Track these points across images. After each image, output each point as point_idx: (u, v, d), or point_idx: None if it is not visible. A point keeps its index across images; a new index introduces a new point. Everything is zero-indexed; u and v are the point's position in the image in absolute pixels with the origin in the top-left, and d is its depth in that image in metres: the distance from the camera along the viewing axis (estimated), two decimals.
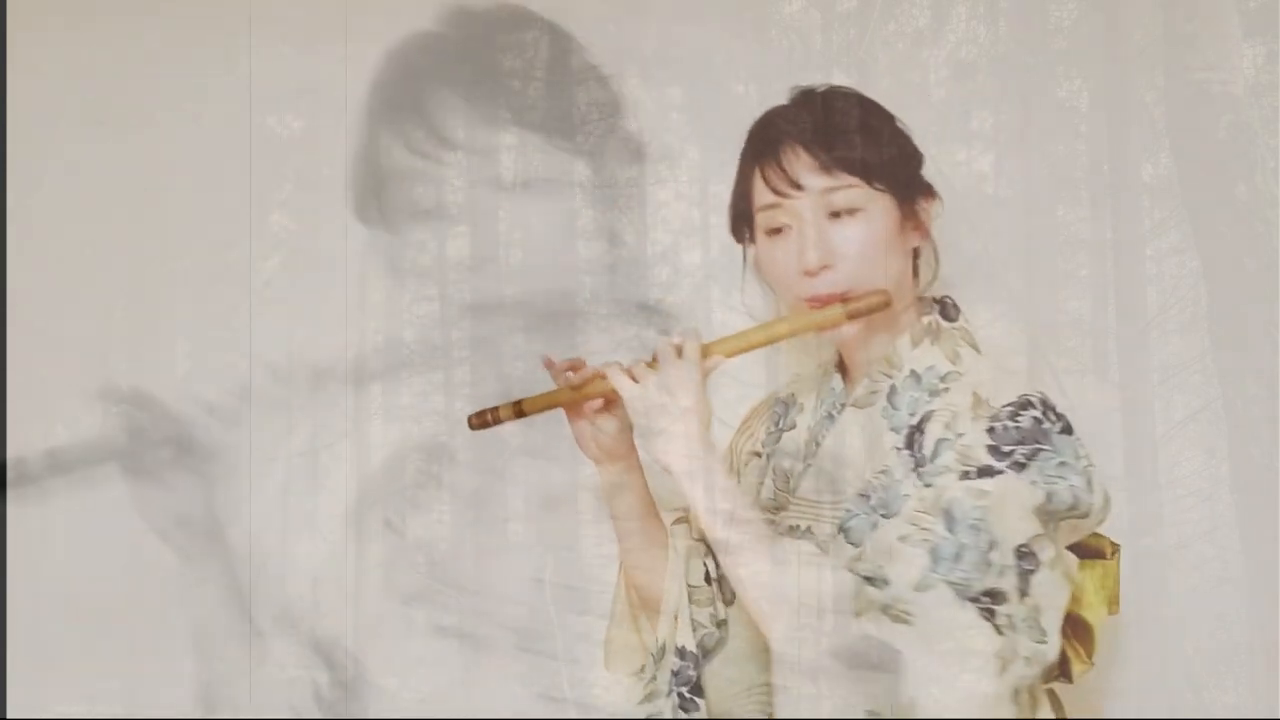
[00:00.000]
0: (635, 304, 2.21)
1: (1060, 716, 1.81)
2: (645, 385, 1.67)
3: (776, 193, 1.71)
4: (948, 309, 1.79)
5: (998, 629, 1.56)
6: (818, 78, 1.85)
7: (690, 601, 1.76)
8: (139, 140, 2.30)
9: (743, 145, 1.79)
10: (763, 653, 1.74)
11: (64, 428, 2.29)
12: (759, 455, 1.90)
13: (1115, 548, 1.87)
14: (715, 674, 1.77)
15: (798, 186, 1.70)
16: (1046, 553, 1.60)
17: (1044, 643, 1.59)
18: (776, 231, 1.73)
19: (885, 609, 1.57)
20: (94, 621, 2.26)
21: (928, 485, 1.61)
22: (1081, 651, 1.82)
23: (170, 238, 2.30)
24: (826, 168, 1.70)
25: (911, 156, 1.78)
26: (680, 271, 2.22)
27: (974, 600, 1.56)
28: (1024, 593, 1.58)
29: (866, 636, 1.55)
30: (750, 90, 2.18)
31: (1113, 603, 1.86)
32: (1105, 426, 2.12)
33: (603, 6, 2.23)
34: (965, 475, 1.60)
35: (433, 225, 2.25)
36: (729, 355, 1.72)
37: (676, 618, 1.76)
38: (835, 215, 1.71)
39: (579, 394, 1.77)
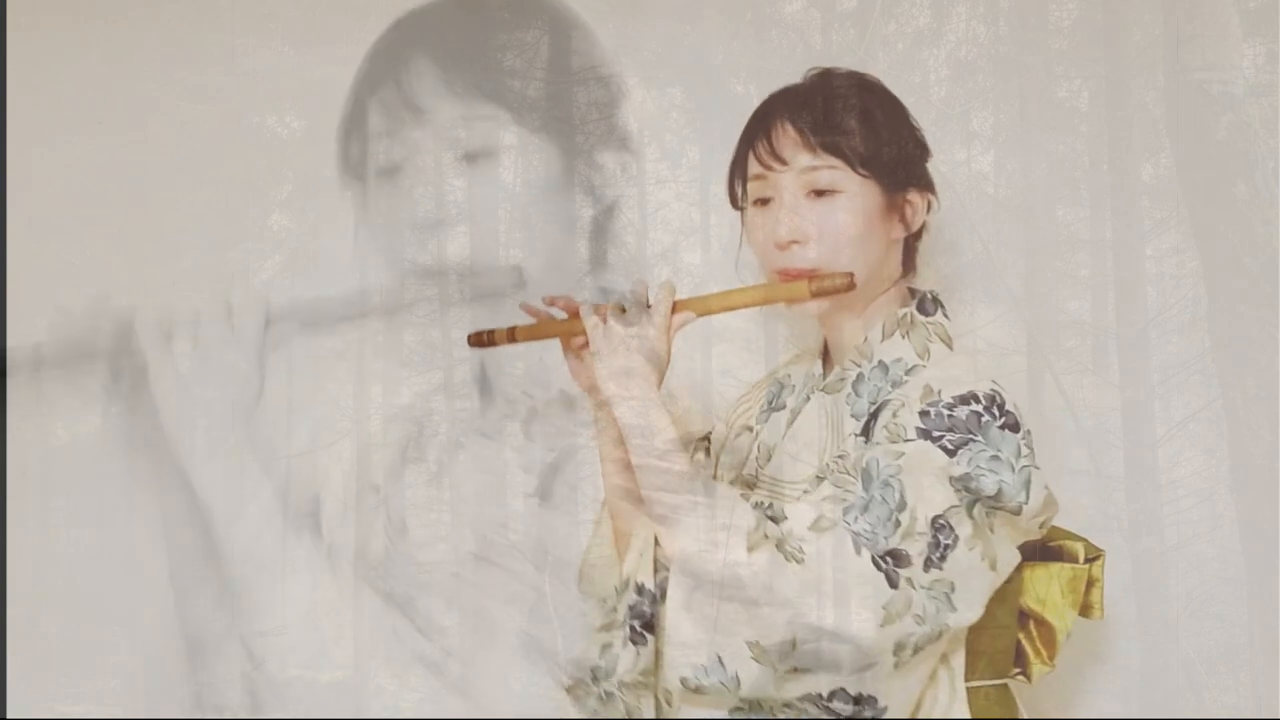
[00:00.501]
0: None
1: (1013, 712, 1.83)
2: (611, 328, 1.73)
3: (762, 164, 1.77)
4: (925, 303, 1.83)
5: (891, 582, 1.60)
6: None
7: (656, 543, 1.78)
8: (139, 140, 2.30)
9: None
10: None
11: (63, 429, 2.28)
12: (750, 430, 1.92)
13: (1097, 554, 1.87)
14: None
15: (782, 161, 1.75)
16: (964, 529, 1.63)
17: (953, 611, 1.63)
18: (763, 203, 1.79)
19: (780, 544, 1.62)
20: (94, 621, 2.26)
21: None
22: (1044, 653, 1.83)
23: (170, 238, 2.29)
24: (812, 146, 1.75)
25: (912, 150, 1.81)
26: (680, 271, 2.23)
27: (875, 552, 1.60)
28: (933, 564, 1.62)
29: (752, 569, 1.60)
30: (750, 90, 2.18)
31: (1091, 607, 1.87)
32: (1105, 426, 2.12)
33: (603, 6, 2.23)
34: (890, 443, 1.65)
35: (432, 225, 2.25)
36: (699, 314, 1.76)
37: (642, 555, 1.79)
38: (817, 194, 1.75)
39: (564, 328, 1.84)
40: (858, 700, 1.62)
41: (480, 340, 1.94)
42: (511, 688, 2.19)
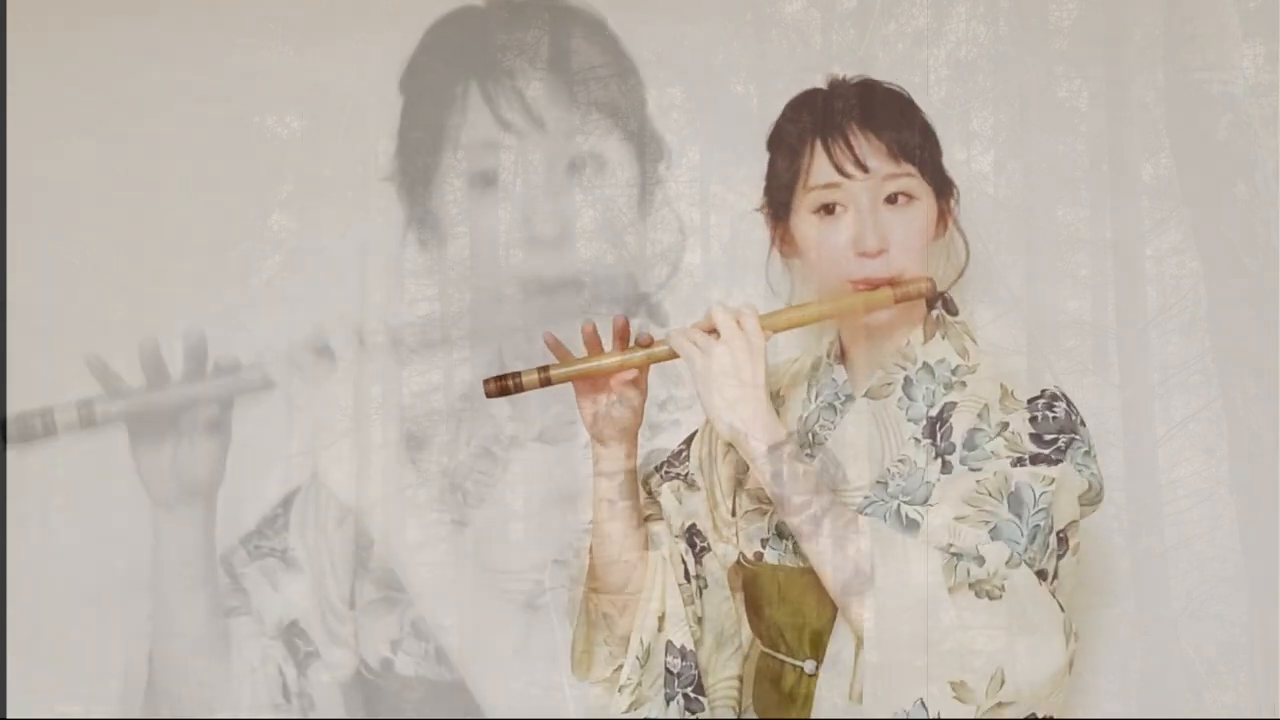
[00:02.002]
0: (635, 303, 2.21)
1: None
2: (711, 355, 1.67)
3: (840, 172, 1.73)
4: (949, 304, 1.83)
5: (1061, 607, 1.64)
6: (818, 78, 1.85)
7: (681, 595, 1.79)
8: (139, 140, 2.30)
9: (781, 124, 1.80)
10: (727, 646, 1.83)
11: (63, 430, 2.28)
12: (733, 447, 1.89)
13: None
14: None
15: (863, 168, 1.72)
16: (1075, 538, 1.69)
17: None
18: (828, 210, 1.75)
19: (976, 585, 1.61)
20: (94, 621, 2.26)
21: (974, 469, 1.67)
22: None
23: (170, 238, 2.29)
24: (894, 154, 1.73)
25: (939, 149, 1.82)
26: (680, 271, 2.23)
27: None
28: (1056, 574, 1.66)
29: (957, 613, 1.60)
30: (750, 90, 2.18)
31: None
32: (1105, 426, 2.12)
33: (603, 6, 2.23)
34: (1019, 461, 1.66)
35: (432, 225, 2.26)
36: (775, 331, 1.73)
37: (662, 619, 1.77)
38: (890, 201, 1.74)
39: (622, 364, 1.73)
40: None
41: (504, 387, 1.71)
42: (511, 688, 2.19)
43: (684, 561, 1.83)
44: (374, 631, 2.21)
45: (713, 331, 1.69)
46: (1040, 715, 1.63)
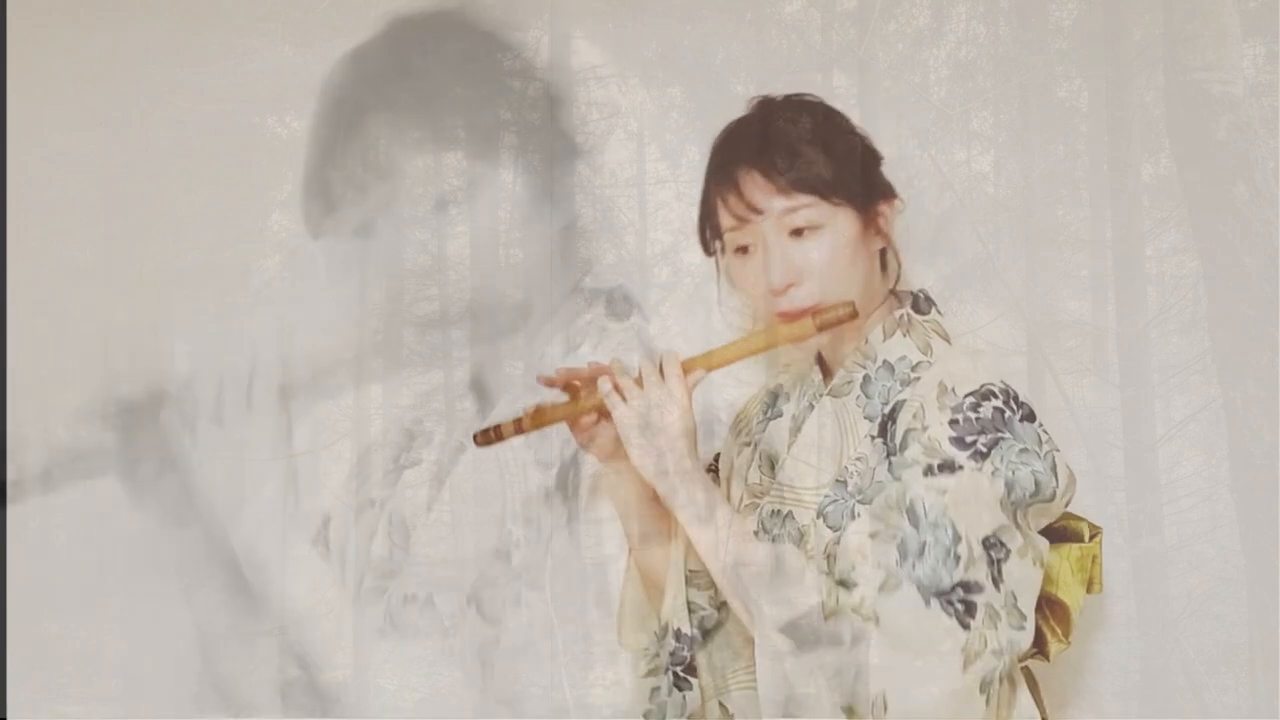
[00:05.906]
0: (634, 304, 2.21)
1: (1035, 691, 1.83)
2: (633, 405, 1.74)
3: (736, 217, 1.76)
4: (919, 302, 1.84)
5: (963, 624, 1.61)
6: (817, 78, 1.86)
7: (689, 585, 1.82)
8: (139, 140, 2.30)
9: (706, 162, 1.84)
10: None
11: (64, 429, 2.28)
12: (749, 445, 1.93)
13: (1096, 530, 1.88)
14: (714, 653, 1.84)
15: (757, 210, 1.74)
16: (1015, 541, 1.66)
17: (1022, 628, 1.65)
18: (743, 250, 1.78)
19: (855, 610, 1.63)
20: (94, 621, 2.26)
21: (896, 479, 1.67)
22: (1059, 631, 1.85)
23: (170, 238, 2.29)
24: (784, 189, 1.74)
25: (869, 160, 1.81)
26: (680, 271, 2.23)
27: (943, 594, 1.61)
28: (999, 580, 1.63)
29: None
30: (750, 90, 2.17)
31: (1094, 583, 1.88)
32: (1105, 426, 2.12)
33: (603, 6, 2.23)
34: (929, 470, 1.65)
35: (433, 225, 2.26)
36: (709, 369, 1.78)
37: (675, 599, 1.83)
38: (797, 234, 1.75)
39: (575, 410, 1.84)
40: None
41: (488, 438, 1.89)
42: (512, 688, 2.19)
43: None
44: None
45: (640, 381, 1.76)
46: None
